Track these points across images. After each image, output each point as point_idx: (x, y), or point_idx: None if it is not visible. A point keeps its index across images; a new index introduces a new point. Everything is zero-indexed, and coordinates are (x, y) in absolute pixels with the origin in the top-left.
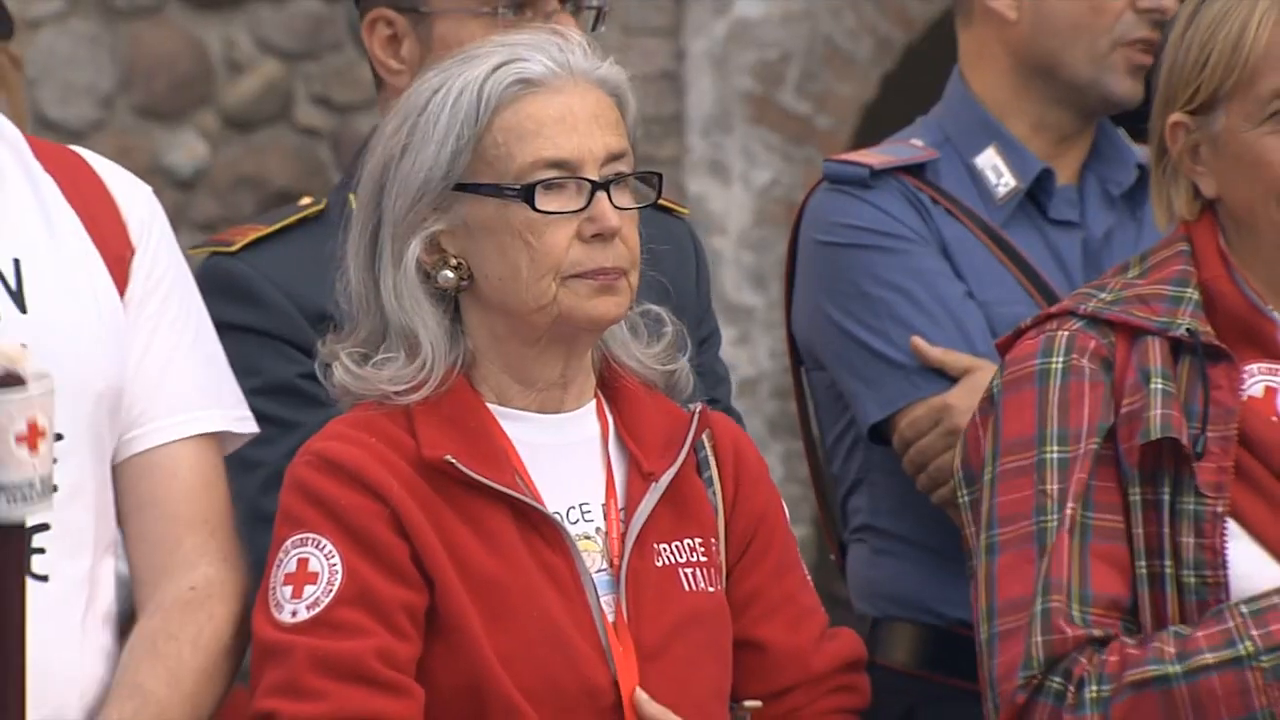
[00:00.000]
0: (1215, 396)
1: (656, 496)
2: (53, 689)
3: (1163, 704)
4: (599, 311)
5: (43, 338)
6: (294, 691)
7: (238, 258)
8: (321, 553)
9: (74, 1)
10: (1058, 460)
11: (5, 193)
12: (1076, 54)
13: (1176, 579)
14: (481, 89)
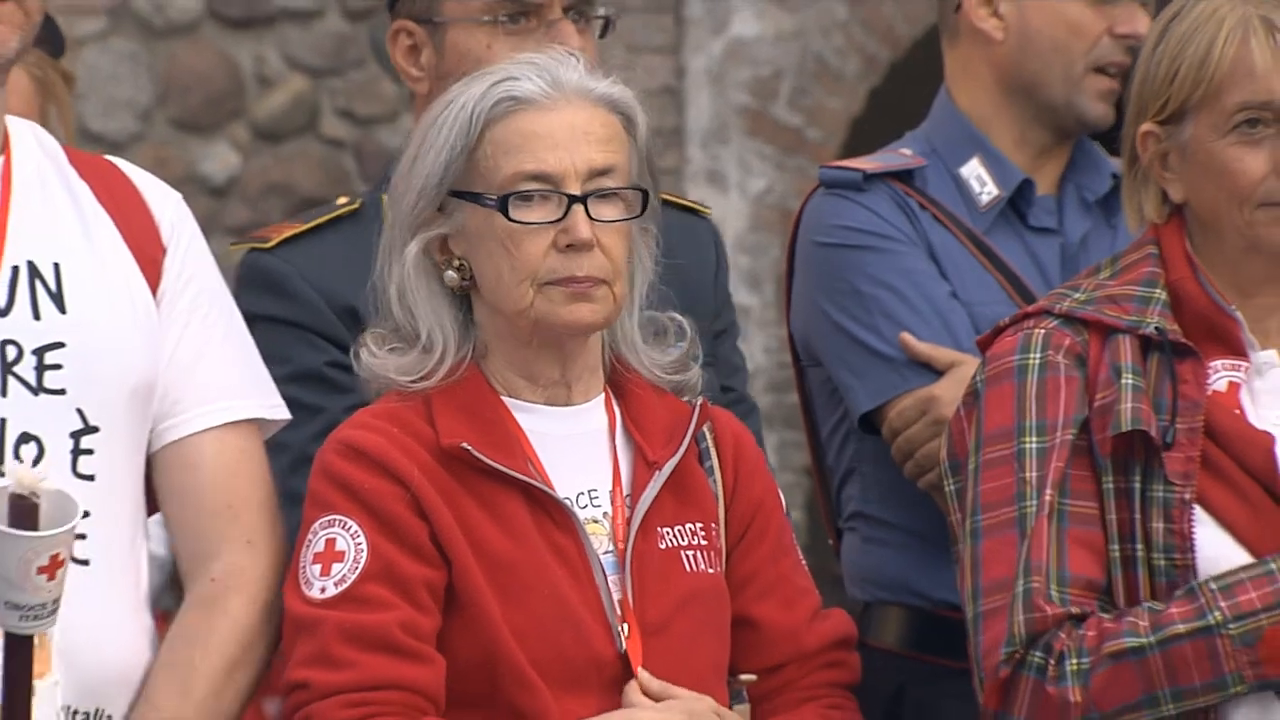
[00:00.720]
0: (1182, 390)
1: (660, 484)
2: (101, 671)
3: (1139, 671)
4: (573, 317)
5: (82, 335)
6: (325, 661)
7: (273, 253)
8: (348, 533)
9: (115, 21)
10: (1036, 450)
11: (45, 200)
12: (1054, 75)
13: (1148, 562)
14: (475, 105)
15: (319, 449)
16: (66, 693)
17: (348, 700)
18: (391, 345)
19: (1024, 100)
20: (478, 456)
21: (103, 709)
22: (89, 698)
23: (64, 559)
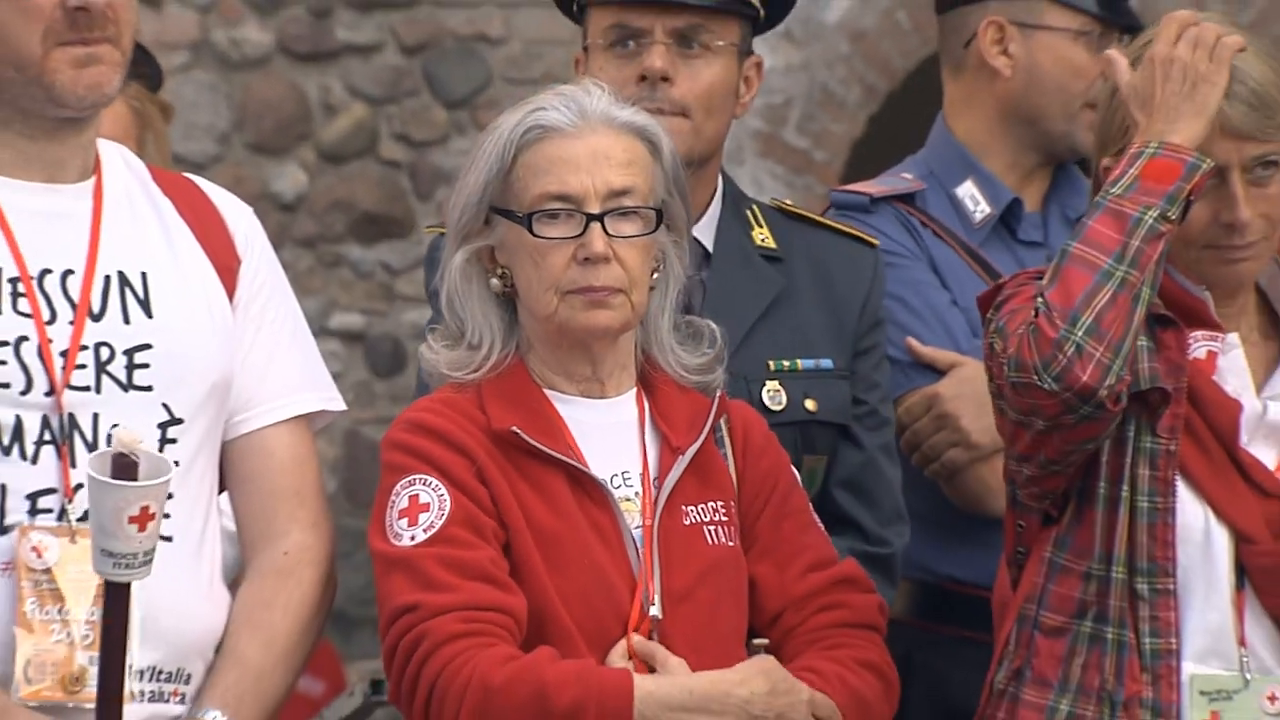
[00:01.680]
0: (1166, 355)
1: (682, 467)
2: (183, 636)
3: (1078, 268)
4: (591, 322)
5: (166, 338)
6: (431, 586)
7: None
8: (429, 488)
9: (196, 55)
10: None
11: (133, 215)
12: (1055, 109)
13: (1131, 503)
14: (510, 132)
15: (389, 430)
16: (153, 655)
17: (460, 616)
18: (445, 342)
19: (1023, 129)
20: (526, 439)
21: (183, 669)
22: (172, 659)
23: (154, 513)
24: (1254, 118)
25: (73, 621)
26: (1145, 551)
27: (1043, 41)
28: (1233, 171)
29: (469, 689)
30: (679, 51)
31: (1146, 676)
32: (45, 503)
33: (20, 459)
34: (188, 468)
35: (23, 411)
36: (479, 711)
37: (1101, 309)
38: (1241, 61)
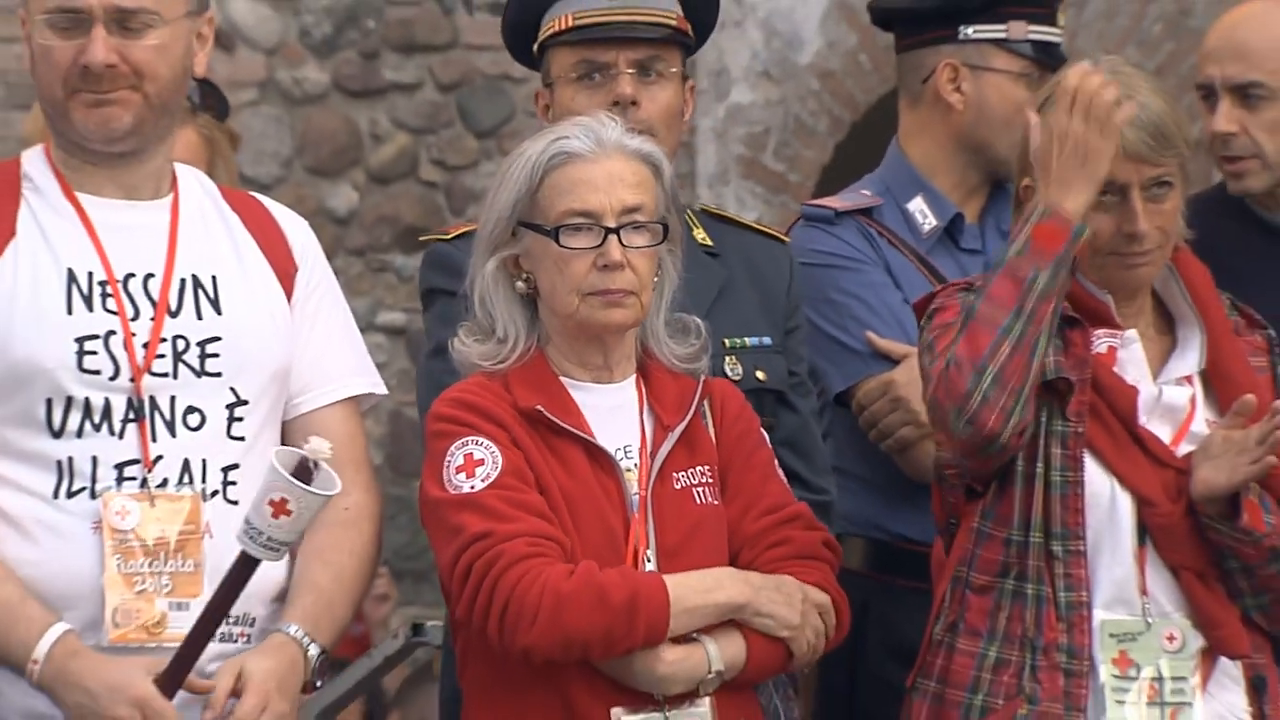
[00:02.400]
0: (1073, 351)
1: (672, 442)
2: (250, 590)
3: (981, 325)
4: (608, 319)
5: (233, 332)
6: (499, 518)
7: (451, 244)
8: (483, 446)
9: (264, 92)
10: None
11: (205, 227)
12: (1000, 140)
13: (1045, 478)
14: (537, 157)
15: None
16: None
17: (527, 541)
18: (475, 337)
19: (971, 155)
20: (549, 416)
21: (248, 613)
22: (239, 605)
23: (291, 510)
24: (1152, 145)
25: (151, 575)
26: (1059, 519)
27: (990, 81)
28: (1133, 190)
29: (544, 596)
30: (640, 79)
31: (1062, 625)
32: (129, 471)
33: (109, 434)
34: (252, 442)
35: (111, 394)
36: (554, 611)
37: (1004, 362)
38: (1144, 96)
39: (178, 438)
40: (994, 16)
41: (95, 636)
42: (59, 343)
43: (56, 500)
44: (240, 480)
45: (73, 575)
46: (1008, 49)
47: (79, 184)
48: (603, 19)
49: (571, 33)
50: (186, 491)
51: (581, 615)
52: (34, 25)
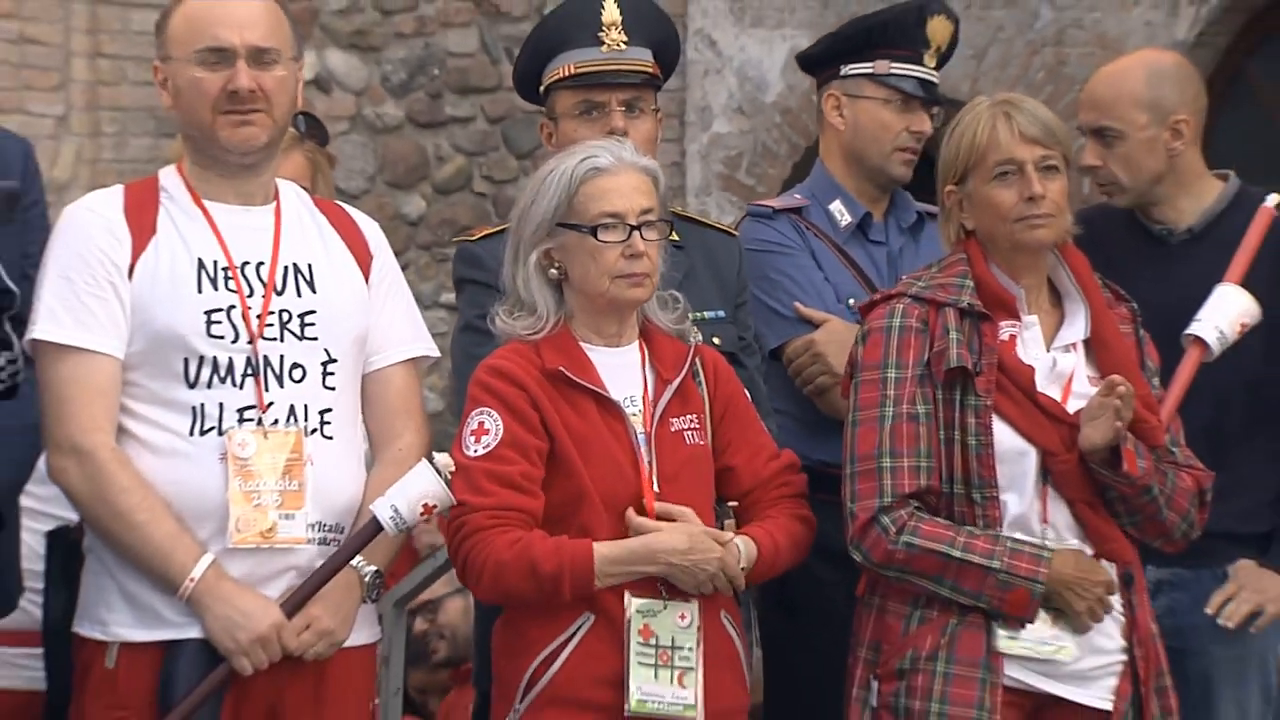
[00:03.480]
0: (984, 340)
1: (670, 393)
2: (340, 502)
3: (941, 562)
4: (633, 296)
5: (325, 307)
6: (476, 491)
7: (476, 244)
8: (491, 419)
9: (353, 124)
10: (894, 378)
11: (300, 227)
12: (872, 153)
13: (963, 442)
14: (573, 171)
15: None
16: (320, 514)
17: (489, 514)
18: (515, 314)
19: (857, 166)
20: (568, 375)
21: (339, 523)
22: (331, 517)
23: (434, 509)
24: (1042, 132)
25: (265, 492)
26: (976, 474)
27: (862, 106)
28: (1028, 165)
29: (487, 563)
30: (627, 115)
31: None
32: (248, 414)
33: (232, 385)
34: (341, 391)
35: (233, 354)
36: (494, 577)
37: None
38: (1034, 107)
39: (285, 388)
40: (865, 56)
41: (221, 541)
42: (192, 315)
43: (191, 437)
44: (333, 420)
45: (204, 494)
46: (875, 81)
47: (205, 193)
48: (598, 68)
49: (573, 79)
50: (292, 429)
51: (514, 582)
52: (181, 64)
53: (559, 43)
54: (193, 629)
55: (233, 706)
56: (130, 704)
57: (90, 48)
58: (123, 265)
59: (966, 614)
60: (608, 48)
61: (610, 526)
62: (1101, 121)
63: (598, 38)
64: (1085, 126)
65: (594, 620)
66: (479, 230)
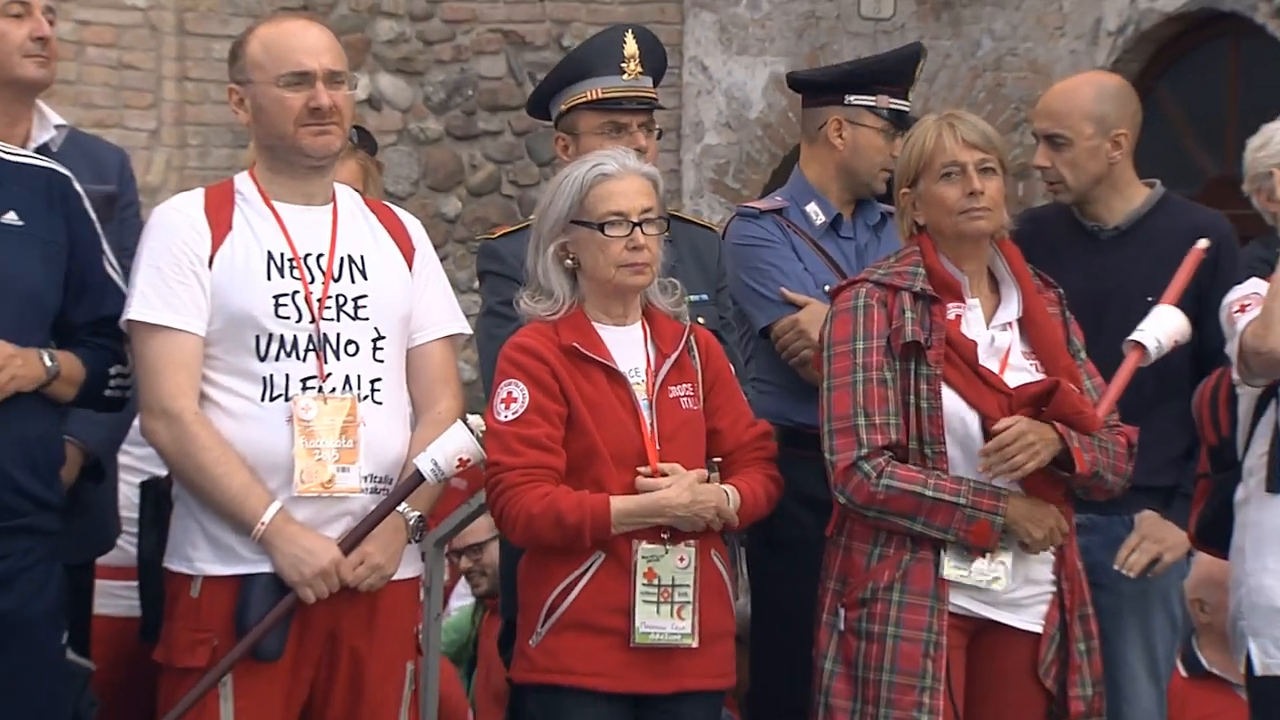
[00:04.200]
0: (934, 319)
1: (669, 366)
2: (387, 455)
3: (915, 501)
4: (635, 283)
5: (375, 292)
6: (508, 452)
7: (496, 241)
8: (518, 388)
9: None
10: (862, 349)
11: (354, 223)
12: (863, 171)
13: (916, 405)
14: (583, 177)
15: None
16: (371, 467)
17: (520, 473)
18: (536, 298)
19: (847, 178)
20: (581, 350)
21: (389, 475)
22: (381, 470)
23: (468, 462)
24: (981, 139)
25: (324, 449)
26: (927, 432)
27: (862, 133)
28: (969, 165)
29: (519, 516)
30: (644, 134)
31: None
32: (310, 383)
33: (296, 359)
34: (389, 363)
35: (298, 332)
36: (525, 527)
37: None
38: (975, 119)
39: (341, 361)
40: (868, 91)
41: (288, 491)
42: (262, 299)
43: (262, 403)
44: (382, 388)
45: (273, 451)
46: (874, 113)
47: (274, 194)
48: (625, 94)
49: (601, 102)
50: (347, 396)
51: (543, 531)
52: (263, 86)
53: (584, 70)
54: (264, 564)
55: (298, 631)
56: (212, 628)
57: (178, 73)
58: (204, 256)
59: (918, 551)
60: (629, 76)
61: (619, 477)
62: (1054, 129)
63: (620, 68)
64: (1039, 133)
65: (605, 558)
66: (499, 229)
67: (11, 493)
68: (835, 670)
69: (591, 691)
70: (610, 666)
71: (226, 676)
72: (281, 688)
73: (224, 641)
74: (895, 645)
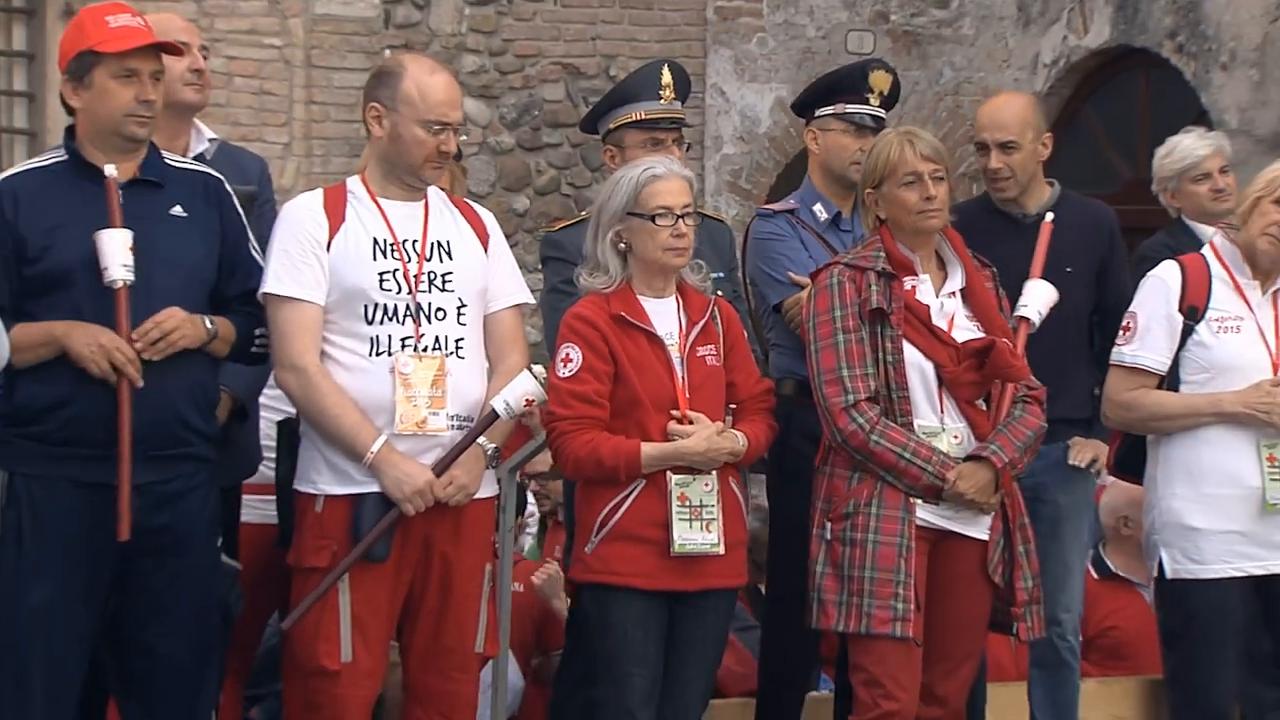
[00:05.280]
0: (894, 291)
1: (697, 330)
2: (469, 398)
3: (892, 458)
4: (676, 263)
5: (459, 269)
6: (563, 404)
7: (557, 232)
8: (575, 351)
9: (480, 148)
10: (839, 316)
11: (441, 215)
12: (836, 166)
13: (884, 359)
14: (637, 178)
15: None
16: (456, 408)
17: (570, 423)
18: (594, 274)
19: (829, 177)
20: (627, 318)
21: (470, 415)
22: (464, 411)
23: (533, 403)
24: (934, 153)
25: (419, 396)
26: (894, 380)
27: (830, 136)
28: (925, 175)
29: (569, 458)
30: (677, 148)
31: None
32: (408, 343)
33: (397, 323)
34: (470, 327)
35: (398, 302)
36: (573, 466)
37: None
38: (929, 136)
39: (432, 324)
40: (829, 102)
41: (391, 428)
42: (369, 276)
43: (370, 358)
44: (464, 347)
45: (378, 397)
46: (837, 118)
47: (380, 193)
48: (663, 116)
49: (644, 122)
50: (437, 353)
51: (587, 470)
52: (408, 121)
53: (630, 96)
54: (373, 486)
55: (400, 539)
56: (332, 536)
57: (305, 98)
58: (323, 242)
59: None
60: (665, 101)
61: (656, 420)
62: (1006, 137)
63: (658, 94)
64: (992, 141)
65: (644, 484)
66: (558, 223)
67: (181, 427)
68: (825, 571)
69: (634, 589)
70: (650, 569)
71: (344, 575)
72: (387, 585)
73: (342, 547)
74: (875, 549)
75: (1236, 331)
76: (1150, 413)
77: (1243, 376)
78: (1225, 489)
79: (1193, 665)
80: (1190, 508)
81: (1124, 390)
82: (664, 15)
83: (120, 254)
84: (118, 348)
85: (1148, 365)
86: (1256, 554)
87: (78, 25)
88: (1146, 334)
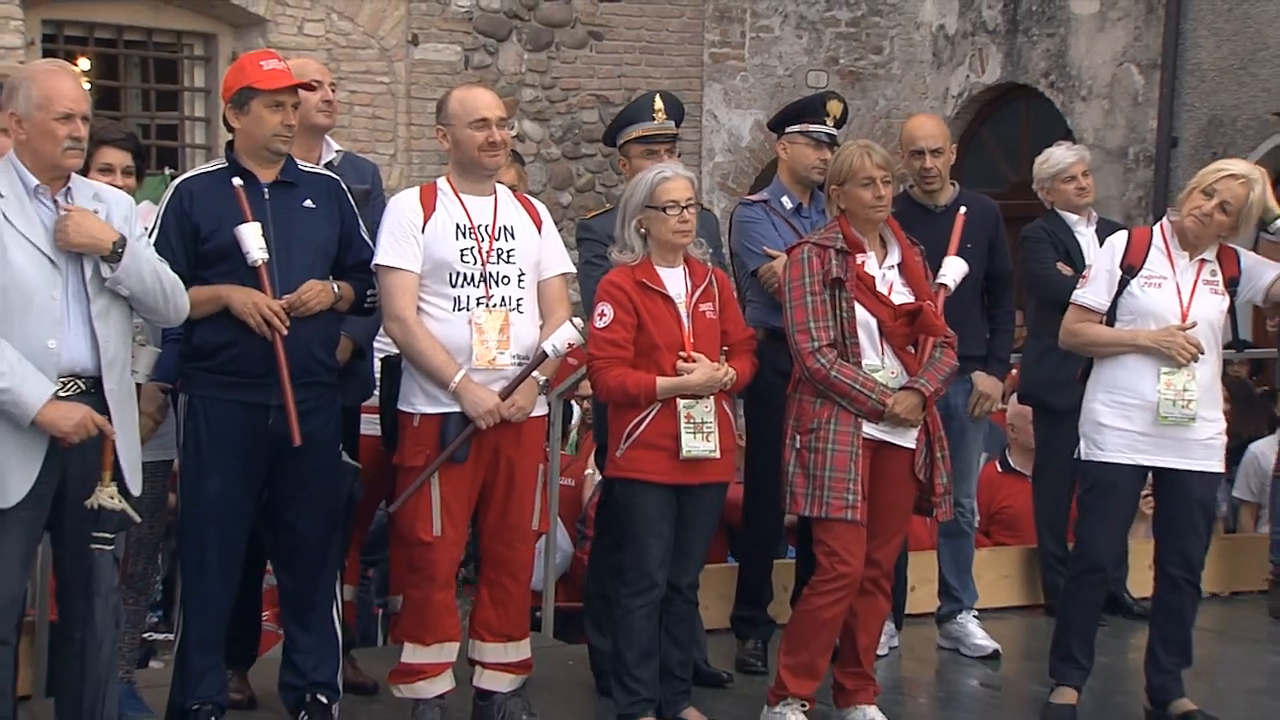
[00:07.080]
0: (849, 264)
1: (699, 292)
2: (526, 341)
3: (845, 390)
4: (683, 243)
5: (520, 247)
6: (597, 347)
7: (590, 220)
8: (608, 308)
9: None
10: (808, 282)
11: (506, 205)
12: (800, 171)
13: (839, 315)
14: (652, 179)
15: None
16: (516, 349)
17: (604, 361)
18: (622, 252)
19: (798, 180)
20: (647, 284)
21: (527, 354)
22: (523, 352)
23: (574, 345)
24: (885, 163)
25: (490, 341)
26: (847, 331)
27: (795, 149)
28: (877, 179)
29: (603, 386)
30: (669, 156)
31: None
32: (481, 301)
33: (473, 286)
34: (528, 290)
35: (474, 271)
36: (605, 394)
37: (832, 388)
38: (880, 148)
39: (499, 288)
40: (796, 121)
41: (469, 365)
42: (453, 251)
43: (453, 313)
44: (523, 305)
45: (460, 341)
46: (802, 135)
47: (461, 188)
48: (655, 133)
49: (644, 138)
50: (503, 309)
51: (616, 397)
52: (460, 128)
53: (632, 119)
54: (455, 407)
55: (475, 447)
56: (426, 443)
57: (407, 120)
58: (419, 225)
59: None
60: (659, 121)
61: (668, 359)
62: (936, 144)
63: (653, 116)
64: (926, 148)
65: (660, 406)
66: (590, 213)
67: (316, 363)
68: (795, 471)
69: (652, 483)
70: (664, 468)
71: (435, 472)
72: (467, 481)
73: (433, 451)
74: (833, 454)
75: (1159, 288)
76: (1089, 339)
77: (1157, 321)
78: (1131, 399)
79: (1085, 523)
80: (1104, 410)
81: (1074, 322)
82: (671, 59)
83: (255, 240)
84: (267, 304)
85: (1090, 304)
86: (1146, 450)
87: (239, 67)
88: (1094, 281)
